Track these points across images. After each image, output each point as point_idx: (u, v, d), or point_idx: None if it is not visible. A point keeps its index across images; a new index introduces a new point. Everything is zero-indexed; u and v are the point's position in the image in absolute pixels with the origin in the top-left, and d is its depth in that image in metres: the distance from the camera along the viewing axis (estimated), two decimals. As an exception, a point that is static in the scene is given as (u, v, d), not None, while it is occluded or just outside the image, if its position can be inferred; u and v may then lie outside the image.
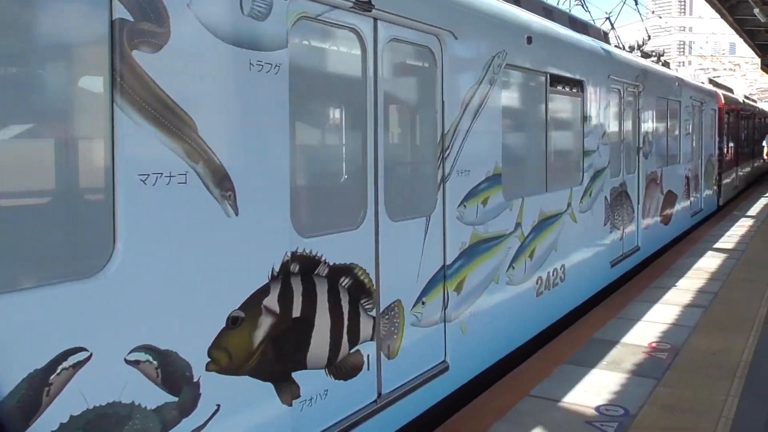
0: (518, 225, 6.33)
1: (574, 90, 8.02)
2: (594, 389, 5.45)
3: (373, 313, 4.39)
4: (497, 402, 5.20)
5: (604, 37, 10.59)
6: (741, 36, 20.01)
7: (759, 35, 19.55)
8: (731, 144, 20.33)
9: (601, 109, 8.70)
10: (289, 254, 3.63)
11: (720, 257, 11.22)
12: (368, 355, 4.34)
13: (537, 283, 6.80)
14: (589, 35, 9.23)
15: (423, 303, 4.87)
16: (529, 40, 6.51)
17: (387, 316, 4.53)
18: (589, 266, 8.32)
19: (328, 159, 4.75)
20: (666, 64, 15.03)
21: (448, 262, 5.16)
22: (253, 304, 3.44)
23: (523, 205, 6.40)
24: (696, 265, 10.52)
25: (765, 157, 24.78)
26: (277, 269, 3.56)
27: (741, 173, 23.16)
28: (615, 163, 9.38)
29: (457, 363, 5.23)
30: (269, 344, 3.53)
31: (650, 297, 8.52)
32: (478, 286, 5.60)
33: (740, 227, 14.75)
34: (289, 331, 3.67)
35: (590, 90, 8.25)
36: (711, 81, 20.18)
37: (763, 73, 31.36)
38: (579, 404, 5.16)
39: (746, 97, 28.30)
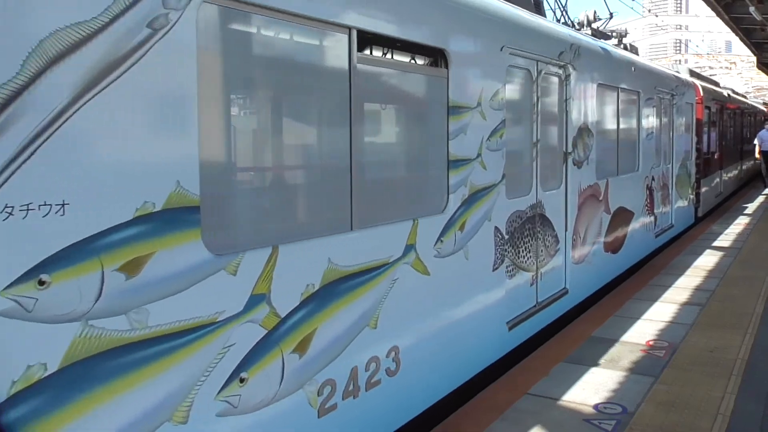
0: (259, 300, 3.48)
1: (429, 63, 5.22)
2: (592, 387, 5.47)
3: None
4: (496, 400, 5.22)
5: (536, 6, 8.03)
6: (737, 34, 20.06)
7: (755, 33, 19.59)
8: (713, 144, 17.58)
9: (488, 96, 5.68)
10: None
11: (717, 255, 11.26)
12: None
13: (320, 393, 3.91)
14: (509, 1, 6.65)
15: None
16: None
17: None
18: (459, 337, 5.40)
19: None
20: (633, 49, 12.23)
21: None
22: None
23: (274, 261, 3.56)
24: (694, 263, 10.56)
25: (757, 156, 24.17)
26: None
27: (726, 177, 20.20)
28: (518, 177, 6.44)
29: None
30: None
31: (648, 295, 8.56)
32: None
33: (737, 225, 14.80)
34: None
35: (462, 65, 5.32)
36: (691, 72, 17.56)
37: (759, 71, 31.47)
38: (577, 402, 5.18)
39: (734, 92, 26.39)
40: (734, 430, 4.67)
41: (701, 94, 15.57)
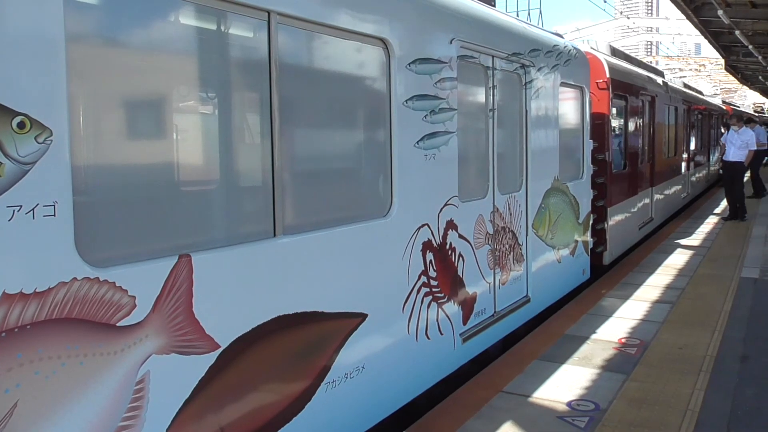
0: None
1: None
2: (565, 385, 5.55)
3: None
4: (471, 398, 5.27)
5: None
6: (706, 37, 20.40)
7: (723, 36, 19.93)
8: (639, 152, 12.33)
9: None
10: None
11: (687, 254, 11.47)
12: None
13: None
14: None
15: None
16: None
17: None
18: None
19: None
20: None
21: None
22: None
23: None
24: (665, 262, 10.75)
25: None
26: None
27: (660, 196, 14.35)
28: None
29: None
30: None
31: (621, 293, 8.69)
32: None
33: (707, 224, 15.08)
34: None
35: None
36: (614, 50, 12.60)
37: (728, 73, 32.05)
38: (551, 399, 5.26)
39: (686, 86, 21.41)
40: (703, 425, 4.78)
41: (606, 76, 10.01)
